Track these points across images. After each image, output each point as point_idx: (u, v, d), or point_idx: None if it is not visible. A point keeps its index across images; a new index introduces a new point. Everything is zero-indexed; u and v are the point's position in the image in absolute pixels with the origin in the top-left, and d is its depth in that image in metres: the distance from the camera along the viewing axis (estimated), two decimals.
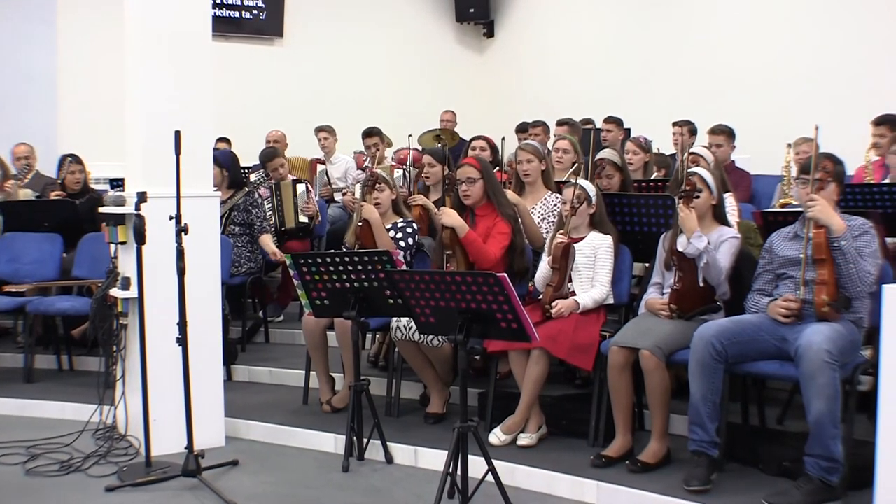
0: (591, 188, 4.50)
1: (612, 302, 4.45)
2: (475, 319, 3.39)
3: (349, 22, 11.09)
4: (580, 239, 4.45)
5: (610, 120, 7.96)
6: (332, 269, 4.21)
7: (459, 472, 3.45)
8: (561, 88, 10.26)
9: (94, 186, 7.21)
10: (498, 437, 4.26)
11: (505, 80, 11.39)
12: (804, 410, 3.49)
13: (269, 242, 6.24)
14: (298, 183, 7.03)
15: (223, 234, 5.70)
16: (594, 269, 4.41)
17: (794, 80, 7.89)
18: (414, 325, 4.17)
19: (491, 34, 11.84)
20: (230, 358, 5.68)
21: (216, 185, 5.48)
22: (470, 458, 3.47)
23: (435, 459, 4.15)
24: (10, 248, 6.17)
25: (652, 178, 6.10)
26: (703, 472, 3.66)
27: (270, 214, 6.76)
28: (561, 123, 7.71)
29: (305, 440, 4.61)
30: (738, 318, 3.86)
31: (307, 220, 6.93)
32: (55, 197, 6.66)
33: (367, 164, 7.62)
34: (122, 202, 4.44)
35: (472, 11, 11.62)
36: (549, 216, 4.96)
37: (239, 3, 10.59)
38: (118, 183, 6.78)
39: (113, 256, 4.59)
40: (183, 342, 3.95)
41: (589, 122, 8.34)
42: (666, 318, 4.03)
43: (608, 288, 4.40)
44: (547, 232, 4.82)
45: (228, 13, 10.52)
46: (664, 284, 4.20)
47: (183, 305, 3.94)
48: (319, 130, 8.44)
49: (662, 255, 4.20)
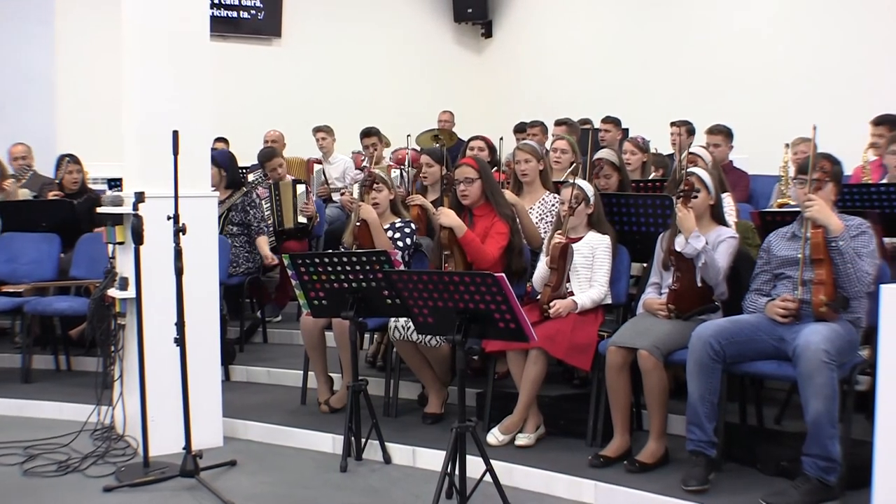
0: (589, 188, 4.50)
1: (610, 302, 4.45)
2: (473, 319, 3.39)
3: (347, 22, 11.09)
4: (578, 239, 4.45)
5: (608, 120, 7.96)
6: (330, 269, 4.21)
7: (457, 472, 3.45)
8: (559, 88, 10.27)
9: (91, 186, 7.22)
10: (496, 437, 4.26)
11: (503, 80, 11.39)
12: (802, 410, 3.49)
13: (264, 245, 6.23)
14: (298, 183, 7.03)
15: (221, 234, 5.69)
16: (592, 269, 4.41)
17: (792, 80, 7.89)
18: (412, 325, 4.17)
19: (489, 34, 11.84)
20: (228, 358, 5.67)
21: (214, 185, 5.49)
22: (468, 458, 3.47)
23: (433, 459, 4.15)
24: (7, 248, 6.16)
25: (650, 178, 6.09)
26: (701, 471, 3.66)
27: (269, 214, 6.76)
28: (559, 123, 7.70)
29: (303, 440, 4.60)
30: (735, 318, 3.86)
31: (306, 220, 6.93)
32: (53, 197, 6.66)
33: (365, 164, 7.61)
34: (119, 202, 4.43)
35: (470, 11, 11.62)
36: (547, 216, 4.96)
37: (237, 3, 10.58)
38: (116, 183, 6.78)
39: (111, 256, 4.58)
40: (181, 342, 3.95)
41: (587, 122, 8.34)
42: (664, 318, 4.03)
43: (606, 288, 4.41)
44: (545, 232, 4.82)
45: (226, 13, 10.51)
46: (662, 284, 4.20)
47: (181, 305, 3.93)
48: (317, 130, 8.44)
49: (660, 255, 4.21)
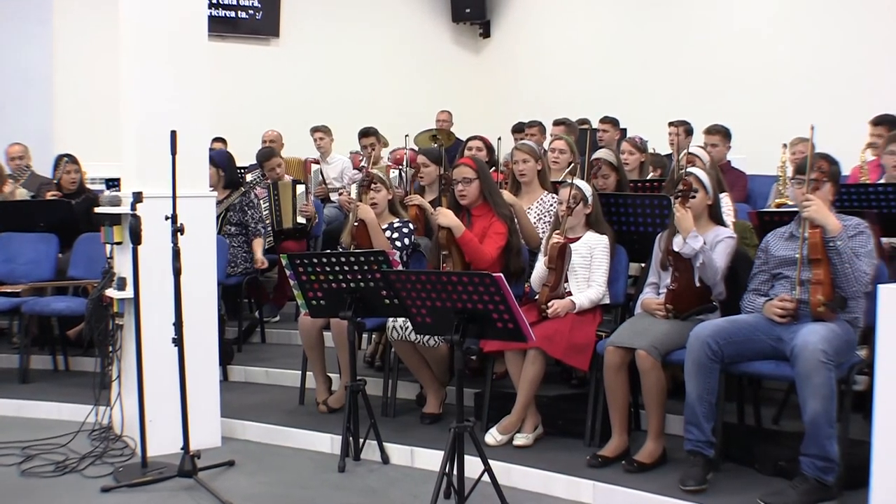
0: (587, 188, 4.50)
1: (608, 302, 4.46)
2: (471, 319, 3.39)
3: (345, 22, 11.09)
4: (576, 239, 4.45)
5: (606, 120, 7.97)
6: (328, 269, 4.21)
7: (456, 472, 3.44)
8: (557, 88, 10.27)
9: (90, 186, 7.21)
10: (494, 437, 4.26)
11: (501, 80, 11.39)
12: (800, 410, 3.50)
13: (258, 248, 6.22)
14: (298, 184, 7.02)
15: (219, 234, 5.69)
16: (590, 269, 4.41)
17: (792, 80, 7.90)
18: (410, 325, 4.17)
19: (487, 34, 11.84)
20: (226, 358, 5.67)
21: (212, 185, 5.48)
22: (466, 458, 3.46)
23: (431, 459, 4.15)
24: (5, 248, 6.15)
25: (648, 178, 6.10)
26: (699, 471, 3.66)
27: (267, 214, 6.76)
28: (557, 123, 7.70)
29: (302, 440, 4.60)
30: (733, 318, 3.86)
31: (305, 221, 6.92)
32: (51, 197, 6.65)
33: (363, 164, 7.62)
34: (117, 202, 4.43)
35: (468, 11, 11.62)
36: (545, 216, 4.96)
37: (235, 2, 10.57)
38: (114, 183, 6.77)
39: (109, 257, 4.58)
40: (179, 342, 3.94)
41: (585, 122, 8.34)
42: (662, 317, 4.04)
43: (604, 288, 4.41)
44: (543, 232, 4.82)
45: (224, 13, 10.51)
46: (660, 284, 4.20)
47: (179, 305, 3.93)
48: (315, 130, 8.43)
49: (658, 255, 4.21)
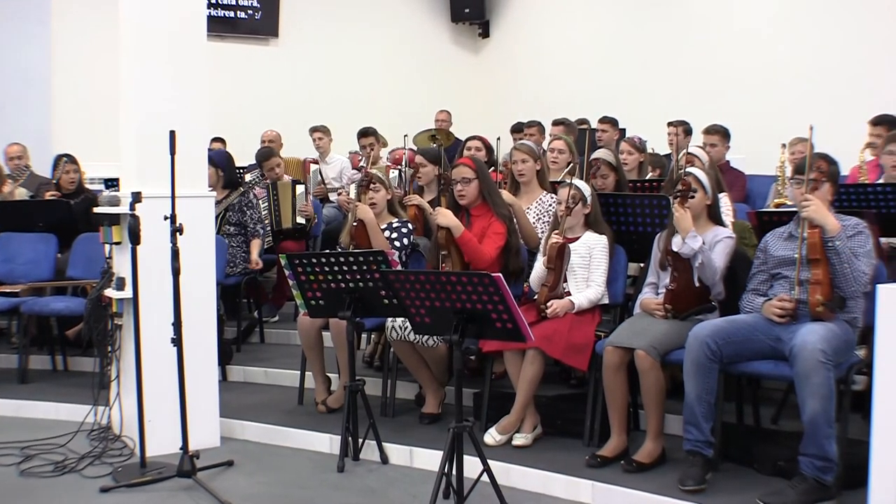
0: (586, 188, 4.50)
1: (607, 302, 4.46)
2: (470, 319, 3.39)
3: (344, 22, 11.09)
4: (575, 239, 4.45)
5: (605, 120, 7.98)
6: (327, 269, 4.21)
7: (455, 472, 3.44)
8: (556, 88, 10.27)
9: (88, 186, 7.21)
10: (493, 437, 4.26)
11: (500, 80, 11.40)
12: (799, 410, 3.50)
13: (254, 249, 6.20)
14: (298, 184, 7.02)
15: (218, 234, 5.69)
16: (589, 269, 4.41)
17: (792, 80, 7.90)
18: (409, 325, 4.17)
19: (486, 34, 11.85)
20: (225, 358, 5.67)
21: (211, 185, 5.48)
22: (465, 458, 3.46)
23: (430, 459, 4.15)
24: (4, 248, 6.15)
25: (647, 178, 6.10)
26: (698, 471, 3.66)
27: (266, 214, 6.75)
28: (556, 123, 7.70)
29: (301, 440, 4.60)
30: (732, 317, 3.86)
31: (304, 221, 6.92)
32: (50, 197, 6.65)
33: (362, 164, 7.62)
34: (116, 202, 4.43)
35: (467, 11, 11.62)
36: (544, 216, 4.96)
37: (234, 2, 10.58)
38: (113, 183, 6.78)
39: (108, 257, 4.57)
40: (178, 342, 3.94)
41: (584, 122, 8.34)
42: (661, 317, 4.04)
43: (603, 288, 4.41)
44: (542, 232, 4.82)
45: (224, 13, 10.51)
46: (659, 284, 4.20)
47: (178, 305, 3.93)
48: (314, 130, 8.43)
49: (657, 255, 4.21)
